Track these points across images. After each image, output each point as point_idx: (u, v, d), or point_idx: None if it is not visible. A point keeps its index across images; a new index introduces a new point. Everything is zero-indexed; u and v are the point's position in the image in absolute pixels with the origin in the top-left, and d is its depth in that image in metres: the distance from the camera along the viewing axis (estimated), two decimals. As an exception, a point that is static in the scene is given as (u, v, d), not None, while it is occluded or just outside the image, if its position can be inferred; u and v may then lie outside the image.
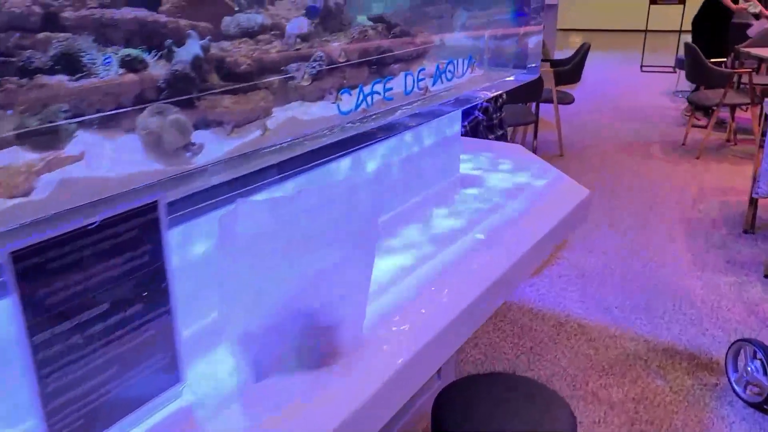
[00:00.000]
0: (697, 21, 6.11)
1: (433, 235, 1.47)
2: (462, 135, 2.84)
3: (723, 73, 4.71)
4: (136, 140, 0.93)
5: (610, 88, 7.75)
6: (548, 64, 5.26)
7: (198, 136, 1.00)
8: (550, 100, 4.78)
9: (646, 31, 9.08)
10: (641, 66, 8.99)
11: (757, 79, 5.39)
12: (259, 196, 1.03)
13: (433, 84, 1.52)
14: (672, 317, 2.69)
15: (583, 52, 4.86)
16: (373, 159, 1.47)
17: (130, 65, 0.96)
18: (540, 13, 1.93)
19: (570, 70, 4.82)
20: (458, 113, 1.88)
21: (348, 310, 1.02)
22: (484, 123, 2.78)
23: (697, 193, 4.17)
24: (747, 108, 5.16)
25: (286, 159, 1.09)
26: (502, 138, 2.90)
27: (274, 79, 1.16)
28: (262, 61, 1.16)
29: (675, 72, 7.55)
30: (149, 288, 0.82)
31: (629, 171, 4.63)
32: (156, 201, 0.81)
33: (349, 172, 1.39)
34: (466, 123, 2.78)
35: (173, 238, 0.95)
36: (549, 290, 2.95)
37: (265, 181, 1.10)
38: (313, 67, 1.22)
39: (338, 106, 1.22)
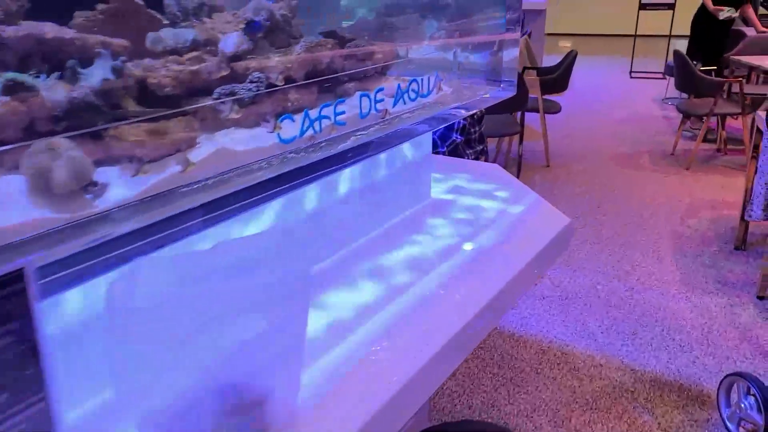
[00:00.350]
0: (694, 23, 5.96)
1: (396, 271, 1.32)
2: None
3: (713, 82, 4.60)
4: (21, 182, 0.77)
5: (599, 95, 7.65)
6: (534, 72, 5.12)
7: (102, 175, 0.84)
8: (536, 110, 4.64)
9: (635, 36, 8.99)
10: (630, 72, 8.90)
11: (748, 89, 5.29)
12: (167, 250, 0.87)
13: (394, 105, 1.37)
14: (660, 344, 2.55)
15: (570, 60, 4.73)
16: (326, 191, 1.32)
17: (14, 92, 0.80)
18: (518, 23, 1.78)
19: (556, 79, 4.68)
20: (428, 134, 1.73)
21: (279, 381, 0.87)
22: (462, 141, 2.64)
23: (687, 207, 4.04)
24: (738, 116, 5.04)
25: (213, 199, 0.94)
26: (482, 153, 2.76)
27: (202, 104, 1.01)
28: (188, 84, 1.01)
29: (665, 78, 7.44)
30: (15, 374, 0.66)
31: (617, 183, 4.50)
32: (22, 269, 0.65)
33: (293, 209, 1.23)
34: (444, 149, 2.64)
35: (53, 308, 0.79)
36: (532, 313, 2.81)
37: (186, 225, 0.94)
38: (250, 89, 1.07)
39: (278, 134, 1.07)
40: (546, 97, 4.93)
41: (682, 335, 2.61)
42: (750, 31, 5.80)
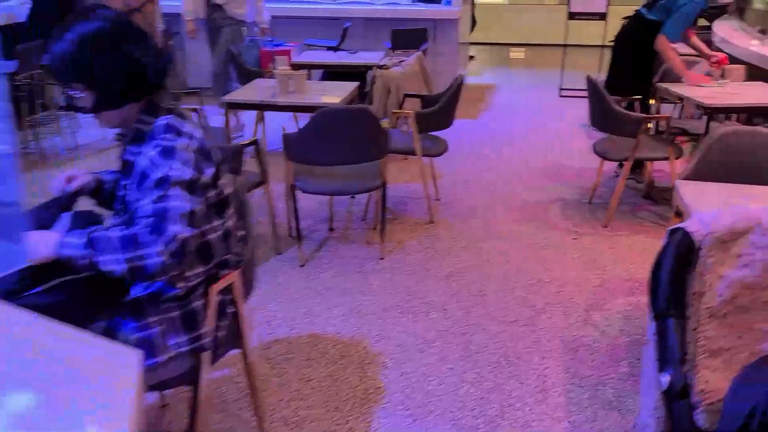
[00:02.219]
0: (619, 45, 4.42)
1: None
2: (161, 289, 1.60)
3: (633, 119, 3.61)
4: None
5: (520, 119, 6.63)
6: (420, 101, 4.08)
7: None
8: (410, 152, 3.59)
9: (564, 45, 8.05)
10: (560, 89, 7.95)
11: (681, 124, 4.35)
12: None
13: None
14: None
15: (454, 89, 3.68)
16: None
17: None
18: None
19: (436, 114, 3.62)
20: None
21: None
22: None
23: (596, 292, 3.03)
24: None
25: None
26: (245, 254, 1.67)
27: None
28: None
29: (594, 99, 6.48)
30: None
31: (512, 251, 3.47)
32: None
33: None
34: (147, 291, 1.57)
35: None
36: None
37: None
38: None
39: None
40: (433, 132, 3.89)
41: None
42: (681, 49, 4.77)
